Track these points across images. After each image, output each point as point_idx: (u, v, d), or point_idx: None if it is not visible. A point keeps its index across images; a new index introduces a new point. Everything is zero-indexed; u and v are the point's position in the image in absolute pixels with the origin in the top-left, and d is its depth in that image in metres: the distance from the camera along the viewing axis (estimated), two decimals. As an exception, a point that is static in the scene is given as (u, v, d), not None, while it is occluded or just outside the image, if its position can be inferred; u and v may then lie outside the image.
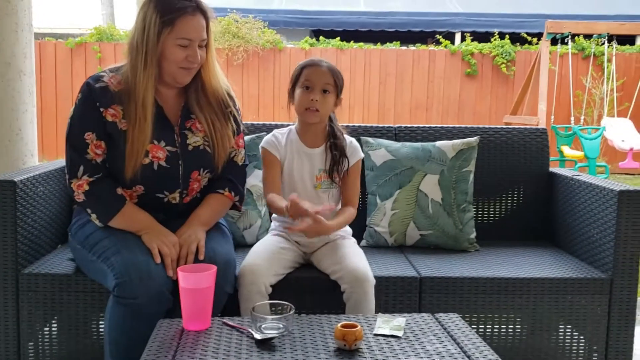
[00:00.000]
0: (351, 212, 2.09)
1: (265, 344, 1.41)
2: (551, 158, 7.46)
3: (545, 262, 2.19)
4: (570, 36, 7.70)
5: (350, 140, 2.14)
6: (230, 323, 1.53)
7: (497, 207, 2.53)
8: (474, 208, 2.47)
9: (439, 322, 1.58)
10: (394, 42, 9.61)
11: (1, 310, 1.92)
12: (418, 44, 9.73)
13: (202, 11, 1.84)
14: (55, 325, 1.96)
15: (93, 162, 1.84)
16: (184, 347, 1.39)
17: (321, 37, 9.57)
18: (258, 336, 1.43)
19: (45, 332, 1.96)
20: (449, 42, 9.59)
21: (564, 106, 8.54)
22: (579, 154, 6.94)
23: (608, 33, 7.71)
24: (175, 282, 1.72)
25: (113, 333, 1.74)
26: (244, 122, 2.11)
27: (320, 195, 2.08)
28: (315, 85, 2.01)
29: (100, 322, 1.95)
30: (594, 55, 8.76)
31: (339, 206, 2.11)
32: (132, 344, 1.70)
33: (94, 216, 1.84)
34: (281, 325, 1.47)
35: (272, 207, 2.03)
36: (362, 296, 1.86)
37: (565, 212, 2.39)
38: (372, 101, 9.22)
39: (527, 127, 2.60)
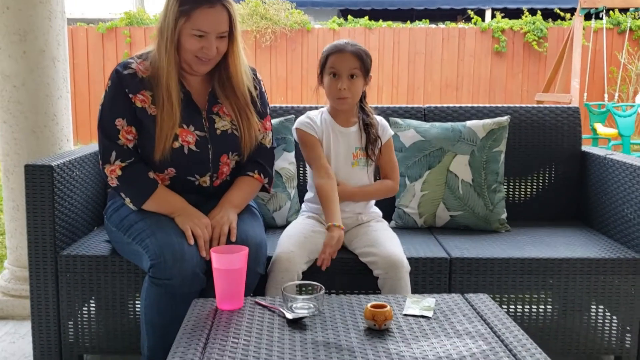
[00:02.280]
0: (387, 183, 2.15)
1: (297, 324, 1.44)
2: (584, 136, 7.35)
3: (577, 242, 2.17)
4: (605, 10, 7.49)
5: (379, 119, 2.17)
6: (262, 303, 1.56)
7: (529, 187, 2.51)
8: (505, 188, 2.45)
9: (469, 302, 1.59)
10: (423, 20, 9.49)
11: (42, 291, 1.99)
12: (448, 22, 9.60)
13: (223, 4, 1.83)
14: (93, 305, 2.02)
15: (125, 147, 1.88)
16: (217, 326, 1.42)
17: (349, 17, 9.50)
18: (289, 316, 1.45)
19: (84, 312, 2.02)
20: (480, 18, 9.43)
21: (598, 83, 8.36)
22: (613, 131, 6.80)
23: (645, 6, 7.49)
24: (208, 263, 1.76)
25: (149, 312, 1.79)
26: (272, 104, 2.13)
27: (357, 172, 2.11)
28: (341, 73, 2.02)
29: (137, 302, 2.00)
30: (630, 29, 8.52)
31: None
32: (167, 323, 1.75)
33: (127, 200, 1.89)
34: (312, 305, 1.49)
35: (324, 200, 2.01)
36: (397, 282, 1.87)
37: (598, 192, 2.35)
38: (401, 81, 9.15)
39: (559, 106, 2.56)
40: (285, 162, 2.33)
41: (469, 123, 2.38)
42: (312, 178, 2.12)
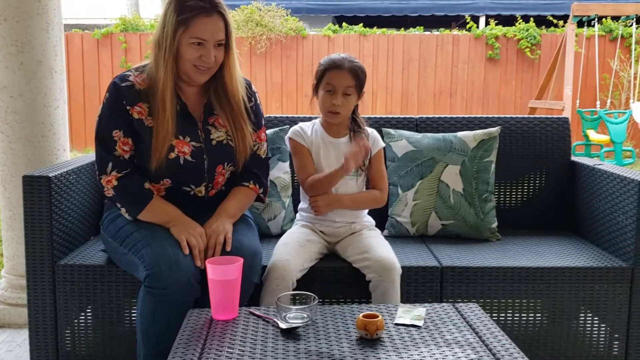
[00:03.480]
0: (375, 193, 2.19)
1: (290, 333, 1.47)
2: (576, 142, 7.39)
3: (566, 251, 2.21)
4: (597, 18, 7.57)
5: (370, 130, 2.21)
6: (257, 313, 1.59)
7: (519, 196, 2.55)
8: (496, 197, 2.50)
9: (459, 311, 1.62)
10: (418, 27, 9.55)
11: (39, 300, 2.01)
12: (442, 29, 9.66)
13: (219, 12, 1.88)
14: (90, 313, 2.05)
15: (121, 158, 1.91)
16: (213, 336, 1.46)
17: (344, 24, 9.55)
18: (283, 325, 1.48)
19: (81, 320, 2.05)
20: (474, 24, 9.50)
21: (591, 90, 8.42)
22: (605, 138, 6.87)
23: (637, 15, 7.56)
24: (203, 272, 1.79)
25: (145, 321, 1.81)
26: (267, 110, 2.17)
27: (348, 182, 2.15)
28: (337, 89, 2.07)
29: (133, 311, 2.03)
30: (622, 37, 8.60)
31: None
32: (162, 331, 1.78)
33: (123, 210, 1.92)
34: (305, 315, 1.52)
35: (316, 182, 2.09)
36: (389, 284, 1.91)
37: (587, 201, 2.40)
38: (395, 87, 9.20)
39: (549, 116, 2.61)
40: (280, 172, 2.37)
41: (460, 134, 2.42)
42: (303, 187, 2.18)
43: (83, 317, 2.05)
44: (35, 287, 2.01)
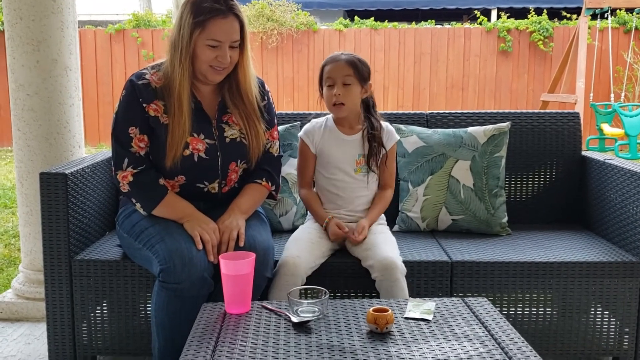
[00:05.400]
0: (386, 197, 2.22)
1: (302, 327, 1.50)
2: (590, 136, 7.35)
3: (577, 246, 2.22)
4: (610, 11, 7.51)
5: (385, 125, 2.23)
6: (269, 307, 1.62)
7: (530, 191, 2.56)
8: (506, 192, 2.51)
9: (468, 306, 1.64)
10: (429, 20, 9.52)
11: (57, 294, 2.06)
12: (453, 22, 9.63)
13: (235, 14, 1.91)
14: (105, 307, 2.09)
15: (137, 154, 1.95)
16: (226, 329, 1.49)
17: (355, 18, 9.54)
18: (295, 319, 1.51)
19: (97, 314, 2.09)
20: (486, 18, 9.45)
21: (604, 83, 8.37)
22: (619, 131, 6.82)
23: (650, 6, 7.50)
24: (216, 267, 1.82)
25: (159, 315, 1.85)
26: (279, 105, 2.21)
27: (360, 178, 2.18)
28: (335, 81, 2.10)
29: (148, 304, 2.07)
30: (636, 28, 8.52)
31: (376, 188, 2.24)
32: (176, 325, 1.81)
33: (138, 205, 1.95)
34: (317, 309, 1.55)
35: (308, 207, 2.22)
36: (393, 283, 1.92)
37: (597, 196, 2.40)
38: (406, 81, 9.19)
39: (560, 111, 2.61)
40: (291, 168, 2.39)
41: (470, 129, 2.43)
42: (299, 185, 2.28)
43: (99, 311, 2.09)
44: (53, 282, 2.06)
